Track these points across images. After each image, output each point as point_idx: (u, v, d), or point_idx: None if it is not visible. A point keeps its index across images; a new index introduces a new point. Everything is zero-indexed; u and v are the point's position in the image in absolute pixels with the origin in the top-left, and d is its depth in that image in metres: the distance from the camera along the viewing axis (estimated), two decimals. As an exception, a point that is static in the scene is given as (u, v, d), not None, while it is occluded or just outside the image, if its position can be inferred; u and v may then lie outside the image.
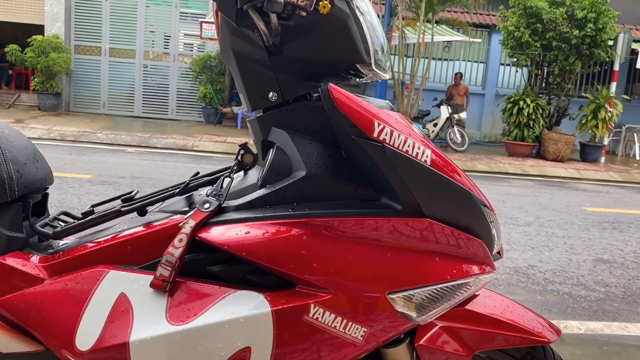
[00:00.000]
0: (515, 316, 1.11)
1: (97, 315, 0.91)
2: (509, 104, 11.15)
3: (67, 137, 9.06)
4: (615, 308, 3.70)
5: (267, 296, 0.90)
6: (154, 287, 0.91)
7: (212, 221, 0.94)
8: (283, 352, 0.89)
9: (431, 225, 0.93)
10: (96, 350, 0.89)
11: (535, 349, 1.15)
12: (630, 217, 6.59)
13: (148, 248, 0.96)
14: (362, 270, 0.90)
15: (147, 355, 0.88)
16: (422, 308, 0.94)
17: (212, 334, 0.88)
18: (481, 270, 0.99)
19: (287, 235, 0.91)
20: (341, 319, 0.90)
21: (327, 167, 0.95)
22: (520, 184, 8.39)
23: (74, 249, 0.99)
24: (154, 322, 0.89)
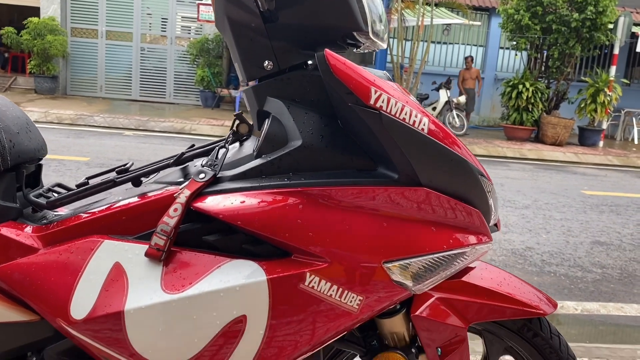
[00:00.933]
0: (512, 288, 1.11)
1: (91, 284, 0.90)
2: (508, 88, 11.11)
3: (64, 120, 9.02)
4: (611, 289, 3.72)
5: (262, 265, 0.89)
6: (148, 257, 0.90)
7: (207, 191, 0.94)
8: (278, 320, 0.89)
9: (428, 194, 0.92)
10: (91, 319, 0.89)
11: (531, 321, 1.15)
12: (627, 200, 6.60)
13: (143, 218, 0.95)
14: (358, 239, 0.90)
15: (142, 324, 0.88)
16: (418, 277, 0.94)
17: (207, 302, 0.88)
18: (478, 241, 0.98)
19: (283, 204, 0.90)
20: (337, 288, 0.89)
21: (323, 136, 0.94)
22: (518, 168, 8.39)
23: (68, 219, 0.98)
24: (149, 291, 0.89)
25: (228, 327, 0.89)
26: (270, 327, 0.89)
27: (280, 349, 0.91)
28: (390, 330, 1.04)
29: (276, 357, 0.91)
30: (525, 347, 1.16)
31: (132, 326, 0.88)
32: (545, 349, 1.16)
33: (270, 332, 0.89)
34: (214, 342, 0.89)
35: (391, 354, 1.01)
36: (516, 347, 1.18)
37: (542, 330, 1.16)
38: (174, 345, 0.89)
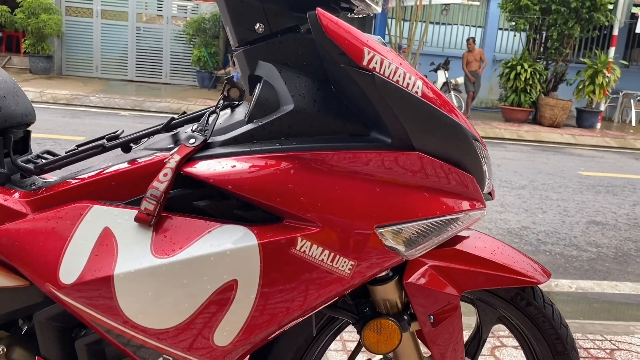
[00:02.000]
0: (505, 257, 1.11)
1: (80, 249, 0.89)
2: (507, 69, 11.05)
3: (60, 100, 8.96)
4: (606, 268, 3.74)
5: (253, 230, 0.88)
6: (138, 221, 0.89)
7: (198, 156, 0.92)
8: (270, 285, 0.88)
9: (421, 158, 0.91)
10: (80, 283, 0.88)
11: (524, 290, 1.15)
12: (624, 181, 6.60)
13: (132, 184, 0.94)
14: (350, 204, 0.89)
15: (131, 288, 0.87)
16: (411, 243, 0.93)
17: (197, 266, 0.87)
18: (471, 206, 0.97)
19: (274, 168, 0.89)
20: (328, 252, 0.89)
21: (315, 101, 0.92)
22: (515, 149, 8.38)
23: (57, 184, 0.97)
24: (139, 255, 0.88)
25: (219, 292, 0.88)
26: (261, 291, 0.89)
27: (271, 313, 0.90)
28: (382, 297, 1.04)
29: (268, 322, 0.91)
30: (518, 316, 1.16)
31: (121, 291, 0.88)
32: (539, 318, 1.16)
33: (262, 296, 0.89)
34: (205, 307, 0.88)
35: (383, 320, 1.01)
36: (509, 317, 1.17)
37: (536, 299, 1.16)
38: (164, 309, 0.88)
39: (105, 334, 0.90)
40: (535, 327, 1.17)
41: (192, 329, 0.89)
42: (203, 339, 0.90)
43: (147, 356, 0.91)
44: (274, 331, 0.94)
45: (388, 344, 1.02)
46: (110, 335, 0.90)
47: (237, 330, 0.90)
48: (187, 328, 0.89)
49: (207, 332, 0.90)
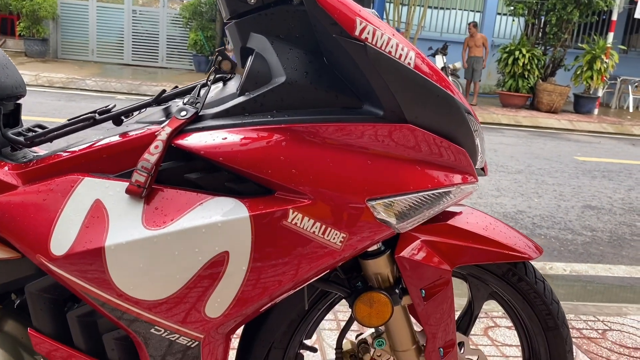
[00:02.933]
0: (497, 233, 1.11)
1: (71, 221, 0.89)
2: (505, 54, 11.00)
3: (56, 84, 8.90)
4: (600, 251, 3.76)
5: (245, 202, 0.88)
6: (129, 193, 0.89)
7: (189, 128, 0.92)
8: (261, 257, 0.88)
9: (413, 131, 0.91)
10: (71, 255, 0.88)
11: (516, 266, 1.16)
12: (620, 167, 6.62)
13: (124, 157, 0.94)
14: (341, 176, 0.89)
15: (122, 260, 0.87)
16: (402, 216, 0.93)
17: (189, 238, 0.87)
18: (463, 180, 0.97)
19: (266, 140, 0.88)
20: (320, 225, 0.89)
21: (307, 73, 0.92)
22: (512, 134, 8.38)
23: (48, 157, 0.96)
24: (130, 227, 0.88)
25: (210, 264, 0.88)
26: (252, 263, 0.89)
27: (263, 285, 0.90)
28: (374, 271, 1.04)
29: (259, 294, 0.91)
30: (510, 291, 1.17)
31: (112, 262, 0.87)
32: (530, 293, 1.17)
33: (253, 268, 0.89)
34: (196, 279, 0.88)
35: (375, 294, 1.01)
36: (501, 292, 1.18)
37: (527, 275, 1.16)
38: (155, 281, 0.88)
39: (96, 306, 0.90)
40: (526, 303, 1.18)
41: (184, 300, 0.90)
42: (195, 311, 0.90)
43: (138, 328, 0.91)
44: (266, 303, 0.94)
45: (379, 317, 1.02)
46: (102, 306, 0.90)
47: (228, 302, 0.91)
48: (178, 300, 0.89)
49: (198, 304, 0.90)
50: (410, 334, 1.09)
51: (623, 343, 2.26)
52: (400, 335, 1.08)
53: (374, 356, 1.13)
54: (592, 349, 2.19)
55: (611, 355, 2.15)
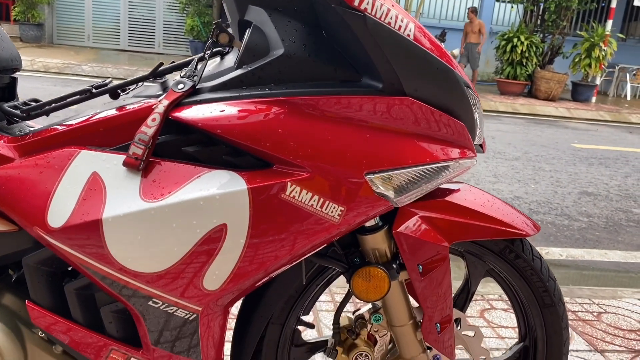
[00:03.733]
0: (495, 210, 1.11)
1: (68, 193, 0.89)
2: (503, 41, 10.97)
3: (51, 69, 8.84)
4: (596, 237, 3.78)
5: (243, 175, 0.88)
6: (127, 166, 0.88)
7: (186, 101, 0.91)
8: (259, 230, 0.88)
9: (412, 104, 0.90)
10: (68, 227, 0.87)
11: (513, 243, 1.16)
12: (617, 154, 6.63)
13: (121, 130, 0.93)
14: (340, 149, 0.88)
15: (120, 232, 0.87)
16: (400, 189, 0.93)
17: (186, 210, 0.87)
18: (462, 155, 0.97)
19: (264, 113, 0.88)
20: (318, 198, 0.88)
21: (306, 45, 0.91)
22: (510, 122, 8.37)
23: (45, 130, 0.96)
24: (127, 199, 0.88)
25: (208, 236, 0.88)
26: (250, 236, 0.89)
27: (261, 258, 0.90)
28: (372, 246, 1.04)
29: (257, 267, 0.91)
30: (506, 269, 1.17)
31: (110, 234, 0.87)
32: (527, 270, 1.17)
33: (251, 241, 0.89)
34: (194, 251, 0.88)
35: (372, 268, 1.02)
36: (498, 269, 1.18)
37: (524, 252, 1.17)
38: (153, 253, 0.88)
39: (94, 278, 0.90)
40: (523, 280, 1.18)
41: (182, 273, 0.90)
42: (192, 283, 0.91)
43: (136, 300, 0.92)
44: (263, 276, 0.94)
45: (377, 291, 1.02)
46: (99, 279, 0.90)
47: (226, 275, 0.91)
48: (176, 272, 0.89)
49: (196, 277, 0.90)
50: (407, 310, 1.10)
51: (618, 325, 2.28)
52: (398, 311, 1.09)
53: (371, 332, 1.14)
54: (587, 331, 2.20)
55: (606, 337, 2.17)
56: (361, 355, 1.10)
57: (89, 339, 0.95)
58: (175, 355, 0.97)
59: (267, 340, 1.15)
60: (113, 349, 0.95)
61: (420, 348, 1.12)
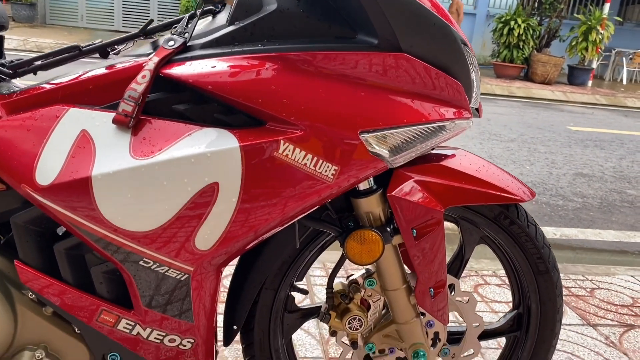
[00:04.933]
0: (490, 175, 1.10)
1: (57, 151, 0.87)
2: (500, 24, 10.90)
3: (44, 49, 8.73)
4: (590, 217, 3.79)
5: (235, 133, 0.86)
6: (116, 123, 0.86)
7: (177, 58, 0.90)
8: (252, 189, 0.87)
9: (408, 61, 0.89)
10: (57, 184, 0.86)
11: (508, 209, 1.15)
12: (612, 136, 6.63)
13: (110, 88, 0.91)
14: (334, 107, 0.87)
15: (110, 190, 0.86)
16: (395, 149, 0.91)
17: (177, 168, 0.85)
18: (458, 115, 0.95)
19: (256, 69, 0.86)
20: (312, 157, 0.87)
21: (299, 1, 0.89)
22: (506, 104, 8.35)
23: (32, 88, 0.94)
24: (117, 157, 0.86)
25: (200, 195, 0.86)
26: (243, 195, 0.87)
27: (253, 218, 0.89)
28: (366, 210, 1.03)
29: (249, 227, 0.90)
30: (501, 235, 1.16)
31: (100, 192, 0.86)
32: (522, 237, 1.17)
33: (243, 200, 0.88)
34: (186, 210, 0.87)
35: (366, 231, 1.01)
36: (492, 236, 1.18)
37: (519, 218, 1.16)
38: (144, 212, 0.87)
39: (83, 237, 0.89)
40: (518, 247, 1.17)
41: (173, 232, 0.88)
42: (184, 243, 0.89)
43: (126, 260, 0.90)
44: (256, 237, 0.93)
45: (370, 254, 1.02)
46: (89, 238, 0.89)
47: (218, 234, 0.89)
48: (167, 231, 0.88)
49: (188, 236, 0.89)
50: (400, 274, 1.09)
51: (610, 301, 2.29)
52: (391, 275, 1.08)
53: (365, 296, 1.13)
54: (580, 306, 2.21)
55: (598, 311, 2.18)
56: (354, 319, 1.10)
57: (79, 300, 0.94)
58: (167, 317, 0.96)
59: (261, 305, 1.15)
60: (104, 309, 0.94)
61: (414, 313, 1.11)
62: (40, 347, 0.98)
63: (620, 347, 1.93)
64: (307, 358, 1.69)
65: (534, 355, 1.25)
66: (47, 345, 0.98)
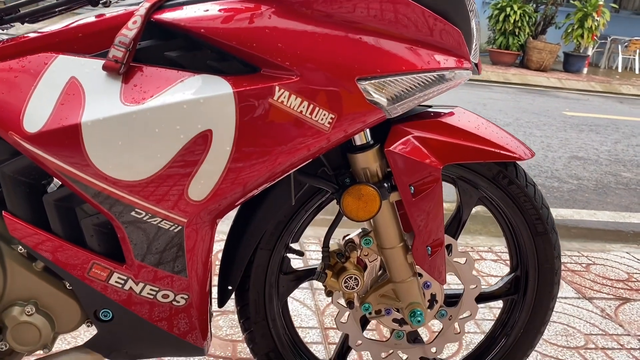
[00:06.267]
0: (489, 133, 1.08)
1: (45, 98, 0.85)
2: (496, 11, 10.86)
3: (36, 33, 8.63)
4: (585, 198, 3.79)
5: (229, 80, 0.84)
6: (106, 70, 0.84)
7: (169, 4, 0.87)
8: (246, 137, 0.85)
9: (407, 5, 0.86)
10: (45, 132, 0.83)
11: (507, 169, 1.13)
12: (607, 121, 6.63)
13: (100, 36, 0.88)
14: (330, 52, 0.85)
15: (100, 137, 0.83)
16: (393, 98, 0.89)
17: (169, 114, 0.83)
18: (458, 64, 0.93)
19: (251, 12, 0.84)
20: (307, 104, 0.85)
21: None
22: (501, 91, 8.33)
23: (20, 36, 0.91)
24: (107, 103, 0.84)
25: (193, 142, 0.84)
26: (237, 144, 0.85)
27: (248, 167, 0.87)
28: (362, 166, 1.01)
29: (244, 177, 0.88)
30: (499, 195, 1.15)
31: (89, 139, 0.83)
32: (520, 197, 1.15)
33: (238, 149, 0.85)
34: (178, 158, 0.85)
35: (363, 186, 0.99)
36: (490, 197, 1.16)
37: (518, 177, 1.14)
38: (135, 160, 0.85)
39: (73, 187, 0.87)
40: (516, 207, 1.16)
41: (165, 181, 0.86)
42: (177, 193, 0.87)
43: (118, 210, 0.88)
44: (251, 189, 0.91)
45: (367, 210, 1.00)
46: (79, 187, 0.86)
47: (212, 184, 0.87)
48: (160, 180, 0.86)
49: (181, 185, 0.87)
50: (397, 231, 1.07)
51: (606, 275, 2.29)
52: (388, 232, 1.07)
53: (361, 256, 1.11)
54: (576, 280, 2.21)
55: (594, 285, 2.18)
56: (350, 278, 1.08)
57: (69, 253, 0.92)
58: (160, 271, 0.94)
59: (256, 265, 1.13)
60: (95, 263, 0.92)
61: (411, 272, 1.10)
62: (30, 302, 0.96)
63: (615, 319, 1.93)
64: (303, 328, 1.68)
65: (532, 318, 1.24)
66: (37, 301, 0.96)
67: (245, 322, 1.18)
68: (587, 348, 1.73)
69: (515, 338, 1.25)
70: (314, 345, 1.60)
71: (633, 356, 1.71)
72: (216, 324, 1.65)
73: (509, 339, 1.26)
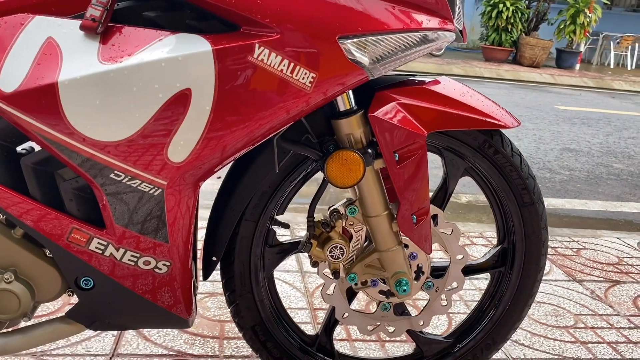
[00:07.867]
0: (474, 100, 1.08)
1: (21, 58, 0.83)
2: (488, 7, 10.88)
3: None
4: (577, 188, 3.79)
5: (208, 38, 0.83)
6: (84, 29, 0.83)
7: None
8: (226, 95, 0.84)
9: None
10: (22, 91, 0.82)
11: (493, 138, 1.13)
12: (599, 115, 6.65)
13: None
14: (311, 9, 0.84)
15: (77, 96, 0.82)
16: (375, 57, 0.88)
17: (147, 73, 0.82)
18: (441, 25, 0.92)
19: None
20: (288, 62, 0.84)
21: None
22: (494, 86, 8.35)
23: None
24: (85, 63, 0.82)
25: (171, 101, 0.83)
26: (217, 103, 0.84)
27: (229, 128, 0.86)
28: (346, 132, 1.00)
29: (225, 138, 0.87)
30: (486, 165, 1.14)
31: (66, 99, 0.82)
32: (506, 167, 1.14)
33: (218, 108, 0.84)
34: (157, 117, 0.83)
35: (347, 152, 0.98)
36: (476, 167, 1.15)
37: (504, 147, 1.14)
38: (113, 120, 0.83)
39: (51, 148, 0.85)
40: (502, 177, 1.15)
41: (144, 141, 0.85)
42: (156, 154, 0.86)
43: (96, 172, 0.87)
44: (232, 152, 0.90)
45: (352, 176, 0.99)
46: (57, 148, 0.85)
47: (192, 145, 0.86)
48: (138, 141, 0.85)
49: (160, 146, 0.86)
50: (382, 199, 1.06)
51: (596, 259, 2.29)
52: (372, 201, 1.06)
53: (347, 225, 1.10)
54: (566, 264, 2.21)
55: (584, 269, 2.18)
56: (336, 247, 1.07)
57: (48, 218, 0.90)
58: (141, 236, 0.92)
59: (241, 237, 1.12)
60: (75, 228, 0.91)
61: (396, 240, 1.09)
62: (9, 270, 0.94)
63: (605, 300, 1.93)
64: (292, 309, 1.67)
65: (519, 290, 1.24)
66: (16, 269, 0.95)
67: (230, 295, 1.17)
68: (576, 327, 1.73)
69: (504, 310, 1.24)
70: (302, 325, 1.59)
71: (622, 335, 1.71)
72: (204, 305, 1.63)
73: (497, 311, 1.25)
